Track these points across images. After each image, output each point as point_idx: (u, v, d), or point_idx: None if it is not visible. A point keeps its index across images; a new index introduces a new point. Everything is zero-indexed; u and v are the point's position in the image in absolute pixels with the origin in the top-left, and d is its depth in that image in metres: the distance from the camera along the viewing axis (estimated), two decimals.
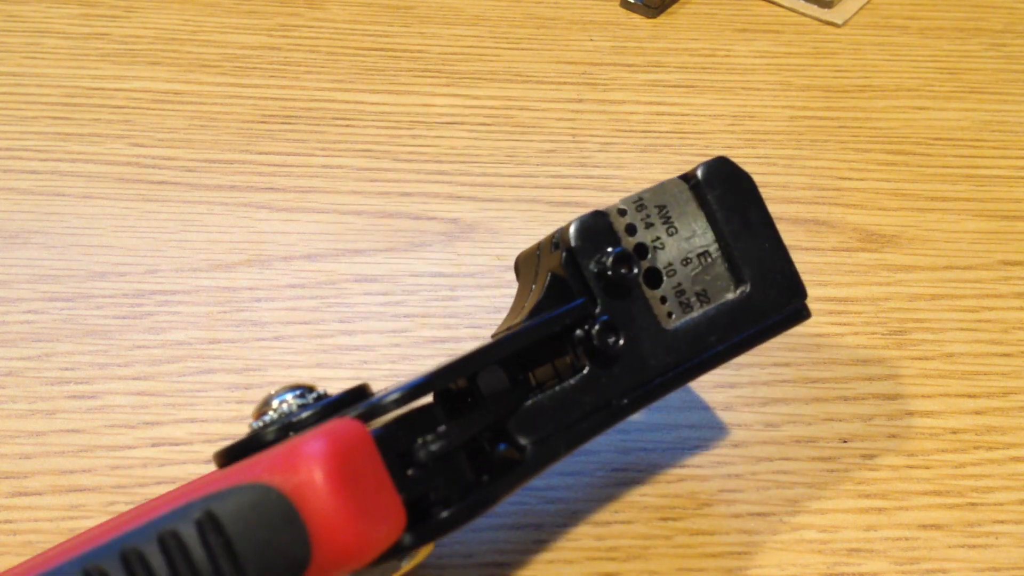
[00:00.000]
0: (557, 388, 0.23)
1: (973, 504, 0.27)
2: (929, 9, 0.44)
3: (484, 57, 0.41)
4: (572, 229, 0.23)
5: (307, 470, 0.18)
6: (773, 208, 0.35)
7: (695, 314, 0.24)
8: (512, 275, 0.32)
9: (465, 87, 0.39)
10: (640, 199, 0.24)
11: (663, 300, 0.24)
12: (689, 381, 0.24)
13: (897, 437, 0.28)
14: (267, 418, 0.21)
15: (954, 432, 0.28)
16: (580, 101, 0.39)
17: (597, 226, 0.24)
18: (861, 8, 0.44)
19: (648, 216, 0.24)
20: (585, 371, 0.23)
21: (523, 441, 0.22)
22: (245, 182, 0.35)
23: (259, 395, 0.29)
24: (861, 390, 0.29)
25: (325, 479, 0.18)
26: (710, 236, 0.25)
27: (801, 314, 0.25)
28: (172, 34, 0.41)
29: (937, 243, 0.34)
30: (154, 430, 0.28)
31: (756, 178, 0.36)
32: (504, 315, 0.31)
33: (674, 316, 0.24)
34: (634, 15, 0.43)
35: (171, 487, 0.26)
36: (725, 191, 0.25)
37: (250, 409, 0.28)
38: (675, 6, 0.44)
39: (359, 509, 0.18)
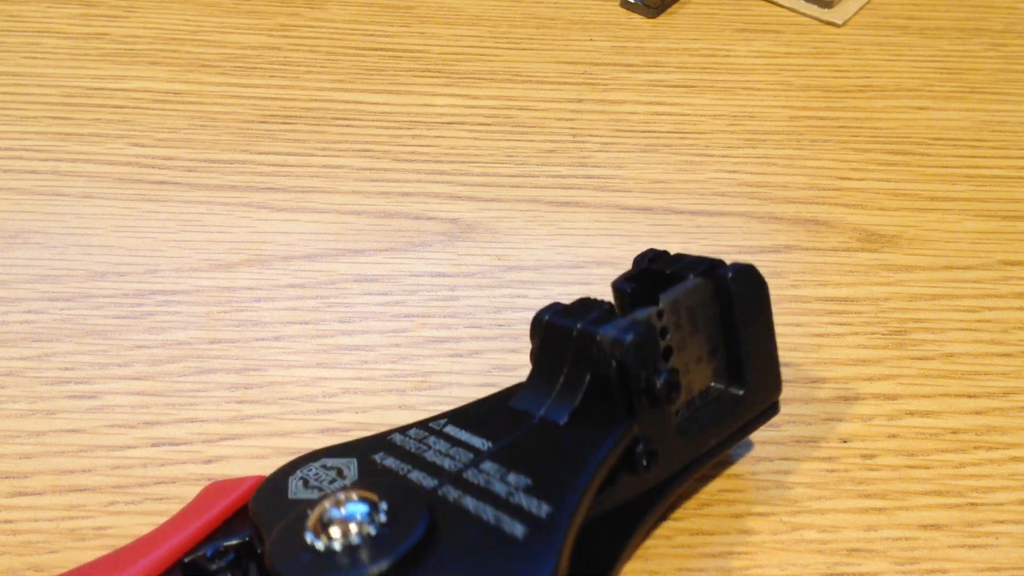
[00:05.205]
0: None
1: (973, 504, 0.27)
2: (929, 9, 0.44)
3: (484, 57, 0.41)
4: (630, 344, 0.22)
5: None
6: (773, 208, 0.35)
7: (699, 414, 0.25)
8: (512, 275, 0.32)
9: (465, 87, 0.39)
10: (676, 301, 0.24)
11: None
12: (685, 482, 0.25)
13: (897, 437, 0.28)
14: (335, 546, 0.20)
15: (954, 432, 0.28)
16: (580, 101, 0.39)
17: (648, 340, 0.23)
18: (861, 8, 0.44)
19: (679, 319, 0.24)
20: (613, 484, 0.23)
21: None
22: (245, 182, 0.35)
23: (261, 392, 0.29)
24: (861, 390, 0.29)
25: None
26: (720, 337, 0.25)
27: (775, 408, 0.27)
28: (172, 34, 0.41)
29: (937, 243, 0.34)
30: (154, 430, 0.28)
31: (756, 178, 0.36)
32: (504, 314, 0.31)
33: (680, 415, 0.24)
34: (634, 15, 0.43)
35: (171, 487, 0.27)
36: (747, 298, 0.25)
37: (250, 409, 0.28)
38: (675, 6, 0.44)
39: None
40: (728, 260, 0.33)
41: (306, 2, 0.43)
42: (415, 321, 0.31)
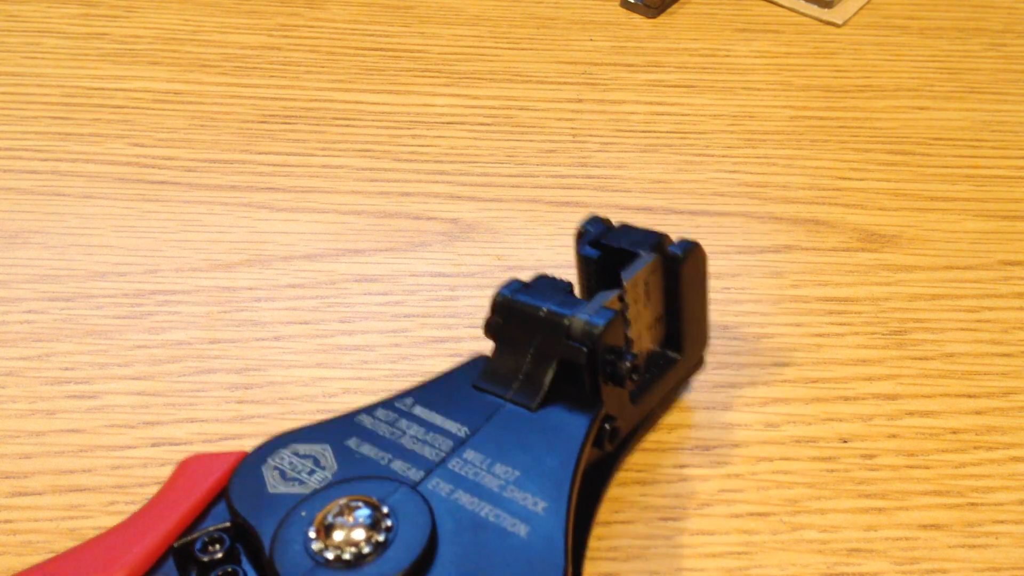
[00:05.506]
0: None
1: (973, 504, 0.27)
2: (929, 9, 0.44)
3: (484, 57, 0.41)
4: (601, 332, 0.23)
5: None
6: (773, 208, 0.35)
7: (647, 382, 0.26)
8: (512, 275, 0.32)
9: (465, 87, 0.39)
10: (636, 281, 0.25)
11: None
12: (632, 447, 0.27)
13: (897, 437, 0.28)
14: (347, 556, 0.20)
15: (954, 432, 0.28)
16: (580, 101, 0.39)
17: (617, 326, 0.24)
18: (861, 8, 0.44)
19: (636, 295, 0.25)
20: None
21: None
22: (245, 182, 0.35)
23: (261, 392, 0.29)
24: (861, 390, 0.29)
25: None
26: (663, 307, 0.26)
27: (701, 363, 0.28)
28: (172, 34, 0.41)
29: (937, 243, 0.34)
30: (154, 430, 0.28)
31: (756, 178, 0.36)
32: None
33: (633, 381, 0.25)
34: (634, 15, 0.43)
35: None
36: (692, 273, 0.26)
37: (250, 409, 0.28)
38: (675, 6, 0.44)
39: None
40: (728, 260, 0.33)
41: (306, 2, 0.43)
42: (415, 321, 0.31)
